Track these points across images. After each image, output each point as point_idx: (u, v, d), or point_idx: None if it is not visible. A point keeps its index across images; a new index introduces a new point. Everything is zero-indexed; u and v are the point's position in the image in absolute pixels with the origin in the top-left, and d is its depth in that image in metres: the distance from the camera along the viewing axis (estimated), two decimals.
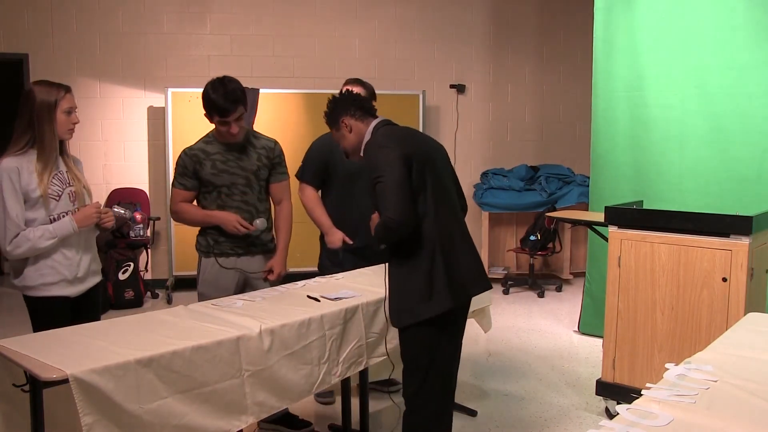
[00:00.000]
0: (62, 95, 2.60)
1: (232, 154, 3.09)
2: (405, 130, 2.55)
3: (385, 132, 2.47)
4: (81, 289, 2.70)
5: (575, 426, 3.35)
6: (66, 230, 2.58)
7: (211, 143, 3.10)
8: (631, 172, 4.47)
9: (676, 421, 1.51)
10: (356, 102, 2.55)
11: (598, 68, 4.59)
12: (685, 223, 3.08)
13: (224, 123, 2.99)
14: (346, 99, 2.57)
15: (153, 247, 6.33)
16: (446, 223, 2.43)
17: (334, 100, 2.57)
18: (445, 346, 2.47)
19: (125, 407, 1.89)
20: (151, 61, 6.35)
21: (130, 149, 6.35)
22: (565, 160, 7.09)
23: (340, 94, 2.63)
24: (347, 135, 2.54)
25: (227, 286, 3.07)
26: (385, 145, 2.38)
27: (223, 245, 3.11)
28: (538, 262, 6.64)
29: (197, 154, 3.07)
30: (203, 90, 3.00)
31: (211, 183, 3.06)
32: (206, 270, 3.12)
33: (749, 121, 3.91)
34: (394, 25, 6.79)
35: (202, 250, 3.16)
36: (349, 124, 2.52)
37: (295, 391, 2.41)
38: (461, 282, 2.42)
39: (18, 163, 2.55)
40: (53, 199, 2.59)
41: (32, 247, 2.54)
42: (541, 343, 4.73)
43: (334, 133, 2.61)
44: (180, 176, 3.09)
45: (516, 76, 7.16)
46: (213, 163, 3.06)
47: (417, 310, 2.37)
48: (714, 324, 2.98)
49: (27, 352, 1.96)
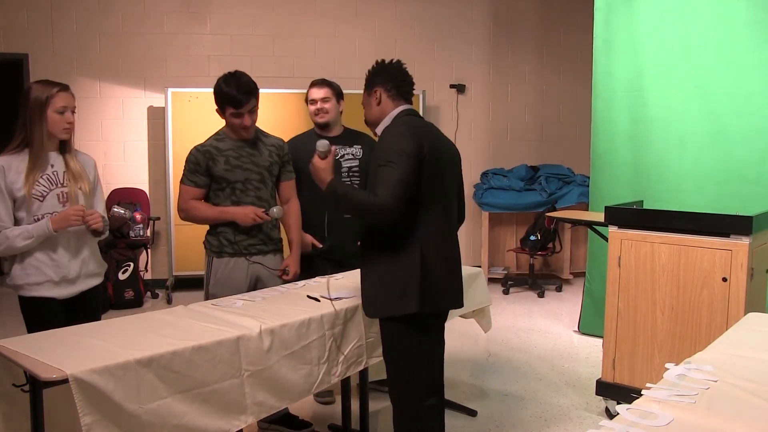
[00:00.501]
0: (54, 93, 2.56)
1: (245, 150, 3.07)
2: (427, 126, 2.48)
3: (407, 122, 2.39)
4: (72, 291, 2.66)
5: (575, 426, 3.35)
6: (41, 231, 2.53)
7: (222, 140, 3.08)
8: (631, 172, 4.47)
9: (676, 421, 1.51)
10: (397, 79, 2.46)
11: (598, 68, 4.59)
12: (685, 223, 3.08)
13: (238, 115, 2.98)
14: (391, 71, 2.48)
15: (153, 247, 6.33)
16: (437, 229, 2.38)
17: (381, 65, 2.50)
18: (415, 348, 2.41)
19: (125, 407, 1.89)
20: (151, 61, 6.35)
21: (130, 149, 6.35)
22: (565, 160, 7.09)
23: (391, 63, 2.50)
24: (374, 105, 2.46)
25: (240, 287, 3.02)
26: (403, 134, 2.30)
27: (236, 245, 3.06)
28: (538, 262, 6.64)
29: (210, 150, 3.03)
30: (215, 85, 3.00)
31: (225, 179, 3.03)
32: (218, 270, 3.07)
33: (749, 121, 3.91)
34: (394, 24, 6.79)
35: (213, 250, 3.09)
36: (380, 95, 2.44)
37: (295, 391, 2.41)
38: (435, 291, 2.36)
39: (7, 162, 2.54)
40: (36, 200, 2.56)
41: (9, 246, 2.52)
42: (541, 343, 4.73)
43: (364, 96, 2.51)
44: (191, 173, 3.04)
45: (516, 76, 7.16)
46: (226, 159, 3.02)
47: (385, 305, 2.36)
48: (714, 324, 2.98)
49: (27, 352, 1.96)
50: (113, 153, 6.30)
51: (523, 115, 7.22)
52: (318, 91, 3.48)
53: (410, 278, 2.31)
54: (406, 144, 2.26)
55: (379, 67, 2.49)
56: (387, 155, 2.26)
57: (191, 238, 5.86)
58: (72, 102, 2.63)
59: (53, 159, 2.64)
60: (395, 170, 2.22)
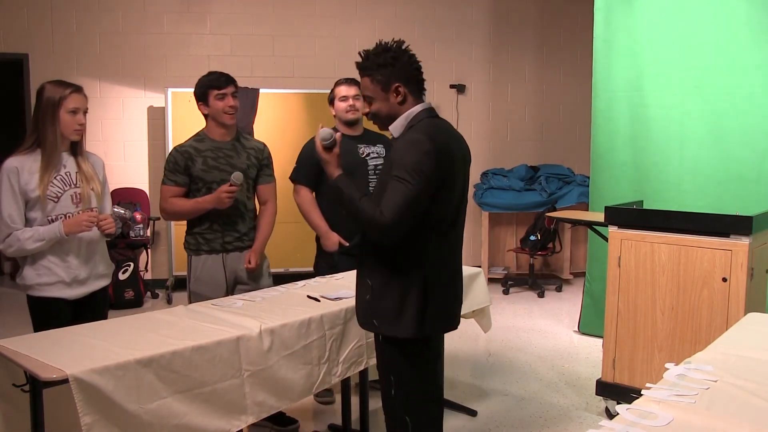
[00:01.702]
0: (67, 94, 2.56)
1: (223, 152, 3.13)
2: (446, 130, 2.29)
3: (432, 130, 2.17)
4: (82, 292, 2.68)
5: (575, 426, 3.35)
6: (53, 234, 2.54)
7: (202, 140, 3.15)
8: (631, 172, 4.47)
9: (676, 421, 1.51)
10: (417, 74, 2.28)
11: (598, 68, 4.59)
12: (685, 223, 3.08)
13: (222, 96, 3.05)
14: (410, 67, 2.25)
15: (153, 247, 6.33)
16: (445, 249, 2.23)
17: (395, 56, 2.23)
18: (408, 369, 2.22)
19: (125, 407, 1.89)
20: (151, 61, 6.35)
21: (130, 149, 6.35)
22: (565, 160, 7.09)
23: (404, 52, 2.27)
24: (393, 101, 2.21)
25: (219, 283, 3.10)
26: (429, 152, 2.08)
27: (212, 243, 3.12)
28: (538, 262, 6.64)
29: (188, 150, 3.11)
30: (195, 85, 3.12)
31: (202, 179, 3.09)
32: (198, 268, 3.14)
33: (749, 121, 3.91)
34: (394, 24, 6.78)
35: (191, 249, 3.17)
36: (405, 95, 2.22)
37: (295, 391, 2.41)
38: (432, 316, 2.18)
39: (20, 162, 2.53)
40: (51, 201, 2.57)
41: (20, 247, 2.52)
42: (541, 343, 4.73)
43: (371, 87, 2.23)
44: (171, 173, 3.12)
45: (516, 76, 7.16)
46: (204, 160, 3.09)
47: (378, 323, 2.20)
48: (714, 324, 2.98)
49: (27, 352, 1.96)
50: (113, 153, 6.29)
51: (523, 115, 7.22)
52: (349, 88, 3.48)
53: (407, 304, 2.14)
54: (426, 163, 2.06)
55: (392, 59, 2.21)
56: (403, 168, 2.07)
57: None
58: (85, 103, 2.63)
59: (65, 160, 2.64)
60: (407, 190, 2.04)
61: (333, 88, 3.54)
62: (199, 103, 3.12)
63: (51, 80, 2.62)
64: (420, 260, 2.16)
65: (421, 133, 2.14)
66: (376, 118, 2.28)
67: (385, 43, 2.26)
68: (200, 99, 3.11)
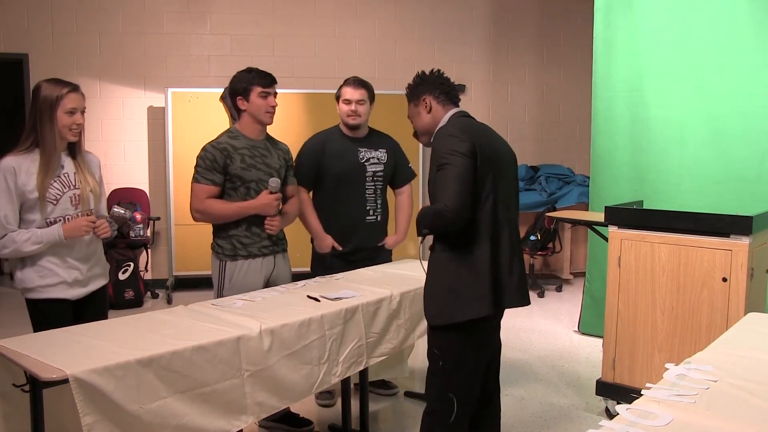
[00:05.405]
0: (65, 93, 2.51)
1: (258, 151, 3.06)
2: (480, 126, 2.48)
3: (459, 123, 2.39)
4: (83, 292, 2.67)
5: (575, 426, 3.35)
6: (52, 238, 2.51)
7: (236, 138, 3.04)
8: (631, 172, 4.47)
9: (675, 421, 1.51)
10: (444, 85, 2.47)
11: (598, 68, 4.59)
12: (685, 223, 3.08)
13: (266, 95, 2.99)
14: (436, 79, 2.48)
15: (153, 247, 6.33)
16: (501, 227, 2.35)
17: (422, 76, 2.49)
18: (471, 352, 2.38)
19: (125, 407, 1.89)
20: (151, 61, 6.35)
21: (130, 149, 6.35)
22: (565, 160, 7.09)
23: (432, 72, 2.51)
24: (423, 114, 2.46)
25: (258, 289, 2.99)
26: (455, 134, 2.29)
27: (250, 247, 3.03)
28: (538, 262, 6.64)
29: (226, 147, 2.98)
30: (233, 78, 3.03)
31: (241, 178, 2.98)
32: (233, 274, 3.02)
33: (749, 121, 3.91)
34: (394, 25, 6.79)
35: (227, 254, 3.02)
36: (430, 103, 2.45)
37: (295, 391, 2.41)
38: (503, 290, 2.35)
39: (17, 162, 2.49)
40: (50, 203, 2.53)
41: (17, 249, 2.49)
42: (541, 343, 4.73)
43: (411, 108, 2.51)
44: (208, 171, 2.95)
45: (516, 76, 7.16)
46: (242, 158, 2.99)
47: (451, 312, 2.31)
48: (714, 324, 2.98)
49: (27, 352, 1.96)
50: (113, 153, 6.29)
51: (523, 115, 7.22)
52: (354, 92, 3.39)
53: (480, 281, 2.29)
54: (457, 144, 2.25)
55: (420, 78, 2.49)
56: (441, 157, 2.26)
57: (191, 238, 5.87)
58: (82, 103, 2.58)
59: (63, 160, 2.61)
60: (451, 170, 2.22)
61: (341, 86, 3.47)
62: (239, 97, 3.00)
63: (47, 78, 2.57)
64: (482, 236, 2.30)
65: (448, 127, 2.38)
66: (417, 136, 2.54)
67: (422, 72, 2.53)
68: (241, 94, 2.99)
